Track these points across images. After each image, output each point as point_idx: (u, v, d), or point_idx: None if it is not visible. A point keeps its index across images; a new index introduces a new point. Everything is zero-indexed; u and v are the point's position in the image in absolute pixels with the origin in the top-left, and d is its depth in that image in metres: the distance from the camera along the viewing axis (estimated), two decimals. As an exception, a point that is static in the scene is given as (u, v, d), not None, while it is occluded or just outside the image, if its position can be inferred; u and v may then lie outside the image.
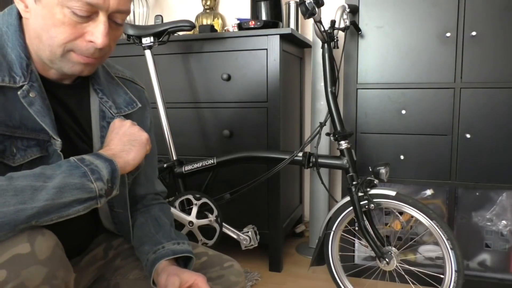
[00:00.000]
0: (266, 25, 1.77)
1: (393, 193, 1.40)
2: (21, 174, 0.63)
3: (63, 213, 0.64)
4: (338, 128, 1.43)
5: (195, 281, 0.77)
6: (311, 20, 2.18)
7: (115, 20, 0.74)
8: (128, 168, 0.73)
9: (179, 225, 1.71)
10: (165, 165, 1.66)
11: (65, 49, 0.71)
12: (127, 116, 0.87)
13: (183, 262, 0.86)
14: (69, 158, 0.68)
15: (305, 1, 1.30)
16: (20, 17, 0.75)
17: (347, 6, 1.52)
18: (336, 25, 1.45)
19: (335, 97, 1.44)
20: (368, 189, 1.41)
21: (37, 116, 0.71)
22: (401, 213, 1.62)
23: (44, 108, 0.73)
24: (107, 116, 0.84)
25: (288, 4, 2.12)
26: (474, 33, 1.53)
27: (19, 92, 0.71)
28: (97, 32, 0.71)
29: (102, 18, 0.70)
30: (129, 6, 0.75)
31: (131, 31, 1.66)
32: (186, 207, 1.64)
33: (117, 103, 0.87)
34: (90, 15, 0.70)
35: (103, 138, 0.83)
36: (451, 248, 1.34)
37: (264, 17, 2.03)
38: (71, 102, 0.81)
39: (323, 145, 2.00)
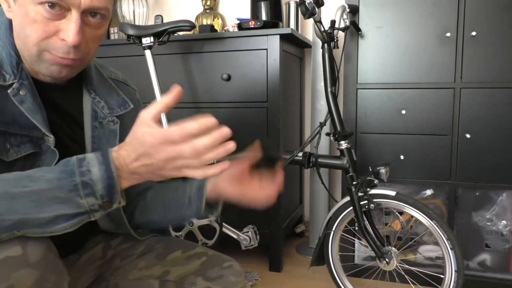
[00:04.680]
0: (266, 25, 1.77)
1: (393, 193, 1.40)
2: (3, 177, 0.60)
3: (46, 230, 0.59)
4: (338, 128, 1.43)
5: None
6: (311, 20, 2.18)
7: (92, 18, 0.71)
8: (134, 181, 0.64)
9: (179, 225, 1.72)
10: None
11: (40, 49, 0.70)
12: (119, 117, 0.87)
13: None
14: (69, 159, 0.63)
15: (305, 1, 1.30)
16: None
17: (347, 6, 1.52)
18: (336, 25, 1.45)
19: (335, 97, 1.44)
20: (368, 189, 1.41)
21: (28, 113, 0.71)
22: (401, 213, 1.62)
23: (35, 106, 0.72)
24: (99, 116, 0.84)
25: (288, 4, 2.12)
26: (474, 33, 1.53)
27: (9, 91, 0.70)
28: (69, 30, 0.68)
29: (74, 15, 0.68)
30: (105, 3, 0.71)
31: (131, 31, 1.66)
32: (186, 207, 1.64)
33: (110, 104, 0.87)
34: (62, 12, 0.68)
35: (94, 138, 0.83)
36: (451, 248, 1.34)
37: (264, 17, 2.03)
38: (63, 103, 0.81)
39: (323, 145, 2.00)
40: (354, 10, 1.62)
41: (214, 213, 0.88)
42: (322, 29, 1.40)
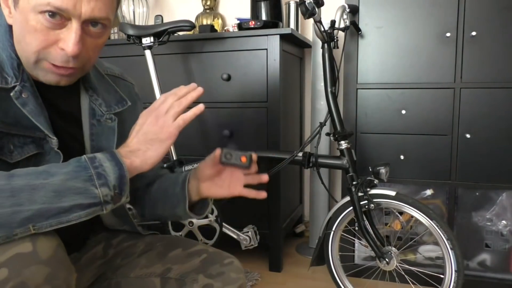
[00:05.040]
0: (266, 25, 1.77)
1: (393, 193, 1.40)
2: (23, 172, 0.62)
3: (62, 218, 0.61)
4: (338, 128, 1.43)
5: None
6: (311, 20, 2.18)
7: (92, 27, 0.71)
8: (146, 167, 0.71)
9: (179, 225, 1.72)
10: (165, 165, 1.67)
11: (38, 57, 0.70)
12: (117, 114, 0.88)
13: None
14: (80, 157, 0.66)
15: (305, 1, 1.30)
16: None
17: (347, 6, 1.52)
18: (336, 25, 1.45)
19: (335, 97, 1.44)
20: (368, 189, 1.41)
21: (31, 116, 0.71)
22: (401, 213, 1.62)
23: (37, 108, 0.72)
24: (97, 114, 0.85)
25: (288, 4, 2.12)
26: (474, 33, 1.53)
27: (11, 93, 0.70)
28: (68, 40, 0.68)
29: (74, 25, 0.68)
30: (106, 13, 0.71)
31: (131, 31, 1.66)
32: (186, 207, 1.64)
33: (107, 101, 0.87)
34: (63, 21, 0.68)
35: (92, 136, 0.83)
36: (451, 248, 1.34)
37: (264, 17, 2.04)
38: (62, 102, 0.81)
39: (323, 145, 2.00)
40: (354, 10, 1.63)
41: (204, 210, 0.93)
42: (322, 29, 1.40)
